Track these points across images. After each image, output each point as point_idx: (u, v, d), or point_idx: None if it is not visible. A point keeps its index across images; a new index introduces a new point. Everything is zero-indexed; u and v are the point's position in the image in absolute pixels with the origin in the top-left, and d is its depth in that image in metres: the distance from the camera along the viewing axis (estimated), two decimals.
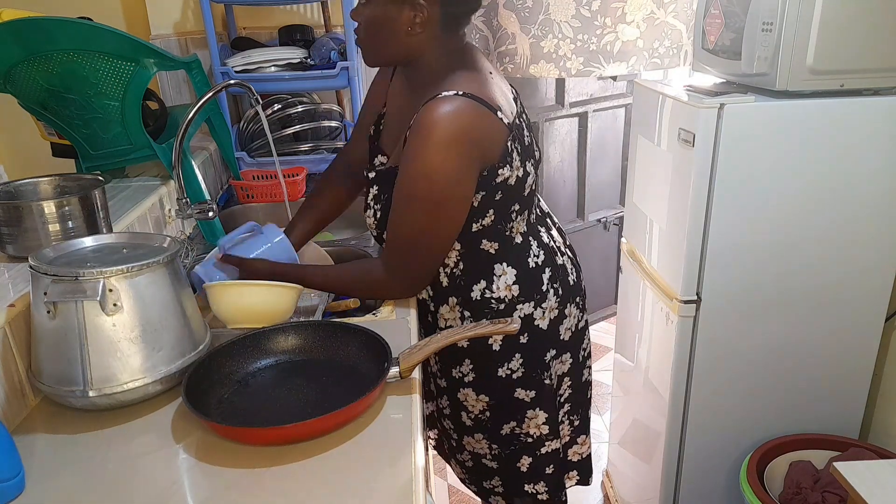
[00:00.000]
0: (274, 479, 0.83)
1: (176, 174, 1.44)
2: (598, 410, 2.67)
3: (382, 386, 0.95)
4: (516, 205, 1.19)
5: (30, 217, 1.12)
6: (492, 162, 1.12)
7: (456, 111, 1.06)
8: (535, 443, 1.31)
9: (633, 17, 2.05)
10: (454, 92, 1.07)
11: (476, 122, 1.08)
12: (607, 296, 3.30)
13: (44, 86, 1.43)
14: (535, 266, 1.23)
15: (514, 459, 1.32)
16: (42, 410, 0.98)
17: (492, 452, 1.33)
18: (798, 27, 1.38)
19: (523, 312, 1.22)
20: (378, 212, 1.21)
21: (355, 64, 2.03)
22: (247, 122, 2.15)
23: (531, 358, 1.25)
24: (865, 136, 1.48)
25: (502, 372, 1.24)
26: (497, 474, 1.35)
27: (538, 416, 1.29)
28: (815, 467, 1.59)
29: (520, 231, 1.23)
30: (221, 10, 2.23)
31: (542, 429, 1.30)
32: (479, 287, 1.21)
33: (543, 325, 1.24)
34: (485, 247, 1.19)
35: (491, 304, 1.21)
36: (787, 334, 1.63)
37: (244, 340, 1.06)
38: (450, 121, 1.05)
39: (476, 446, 1.34)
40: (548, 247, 1.27)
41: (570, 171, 3.07)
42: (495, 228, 1.18)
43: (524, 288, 1.22)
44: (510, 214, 1.19)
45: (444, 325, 1.27)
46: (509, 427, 1.29)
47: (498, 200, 1.16)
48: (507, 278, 1.21)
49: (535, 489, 1.35)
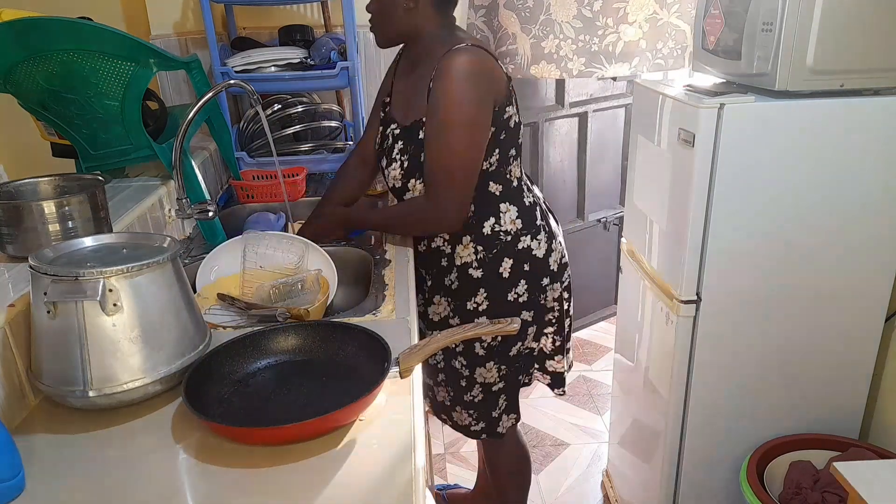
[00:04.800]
0: (274, 479, 0.83)
1: (176, 174, 1.44)
2: (598, 410, 2.68)
3: (382, 386, 0.95)
4: (513, 150, 1.44)
5: (30, 217, 1.12)
6: (501, 99, 1.37)
7: (471, 53, 1.33)
8: (529, 353, 1.59)
9: (636, 18, 2.04)
10: (465, 44, 1.34)
11: (487, 62, 1.34)
12: (607, 296, 3.30)
13: (44, 86, 1.43)
14: (529, 204, 1.49)
15: (517, 374, 1.57)
16: (42, 410, 0.98)
17: (500, 374, 1.54)
18: (798, 27, 1.38)
19: (524, 244, 1.46)
20: (405, 162, 1.44)
21: (355, 64, 2.02)
22: (247, 122, 2.15)
23: (532, 283, 1.49)
24: (865, 136, 1.47)
25: (511, 296, 1.48)
26: (503, 393, 1.57)
27: (532, 332, 1.55)
28: (815, 467, 1.59)
29: (516, 176, 1.48)
30: (221, 10, 2.23)
31: (535, 344, 1.59)
32: (489, 223, 1.44)
33: (539, 255, 1.49)
34: (491, 188, 1.43)
35: (500, 237, 1.45)
36: (787, 334, 1.63)
37: (244, 340, 1.06)
38: (468, 60, 1.31)
39: (487, 375, 1.54)
40: (534, 193, 1.54)
41: (570, 171, 3.07)
42: (498, 171, 1.43)
43: (525, 222, 1.46)
44: (509, 158, 1.44)
45: (459, 263, 1.47)
46: (517, 348, 1.53)
47: (503, 140, 1.40)
48: (511, 214, 1.45)
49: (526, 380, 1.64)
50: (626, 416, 2.06)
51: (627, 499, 2.08)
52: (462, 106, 1.31)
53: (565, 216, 3.08)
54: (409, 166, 1.43)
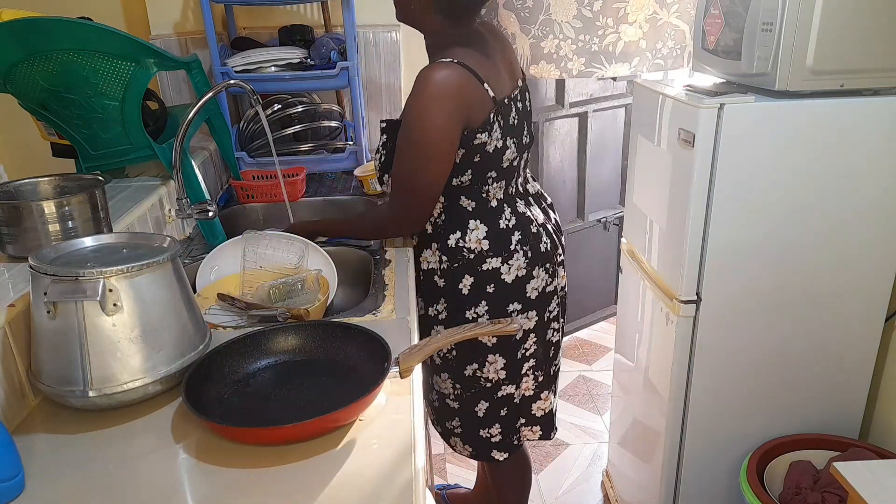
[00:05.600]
0: (274, 479, 0.83)
1: (176, 174, 1.44)
2: (598, 410, 2.68)
3: (382, 386, 0.95)
4: (493, 172, 1.39)
5: (30, 217, 1.12)
6: (474, 125, 1.31)
7: (448, 72, 1.27)
8: (493, 387, 1.49)
9: (636, 18, 2.04)
10: (450, 59, 1.29)
11: (464, 85, 1.28)
12: (607, 296, 3.30)
13: (44, 86, 1.43)
14: (504, 228, 1.42)
15: (473, 403, 1.51)
16: (42, 410, 0.98)
17: (454, 392, 1.52)
18: (798, 27, 1.38)
19: (491, 266, 1.41)
20: (383, 156, 1.43)
21: (355, 64, 2.02)
22: (247, 122, 2.15)
23: (495, 307, 1.43)
24: (865, 136, 1.47)
25: (469, 314, 1.43)
26: (457, 415, 1.55)
27: (497, 362, 1.47)
28: (814, 467, 1.59)
29: (496, 197, 1.42)
30: (221, 10, 2.23)
31: (500, 374, 1.48)
32: (455, 237, 1.41)
33: (508, 280, 1.43)
34: (463, 203, 1.41)
35: (463, 253, 1.41)
36: (787, 334, 1.63)
37: (244, 340, 1.06)
38: (442, 79, 1.27)
39: (442, 385, 1.54)
40: (522, 216, 1.45)
41: (570, 171, 3.06)
42: (472, 188, 1.39)
43: (493, 244, 1.41)
44: (486, 179, 1.39)
45: (426, 267, 1.47)
46: (472, 369, 1.48)
47: (476, 162, 1.36)
48: (479, 233, 1.41)
49: (490, 433, 1.55)
50: (626, 416, 2.06)
51: (627, 499, 2.08)
52: (423, 123, 1.28)
53: (565, 216, 3.09)
54: (385, 161, 1.43)
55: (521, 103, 1.46)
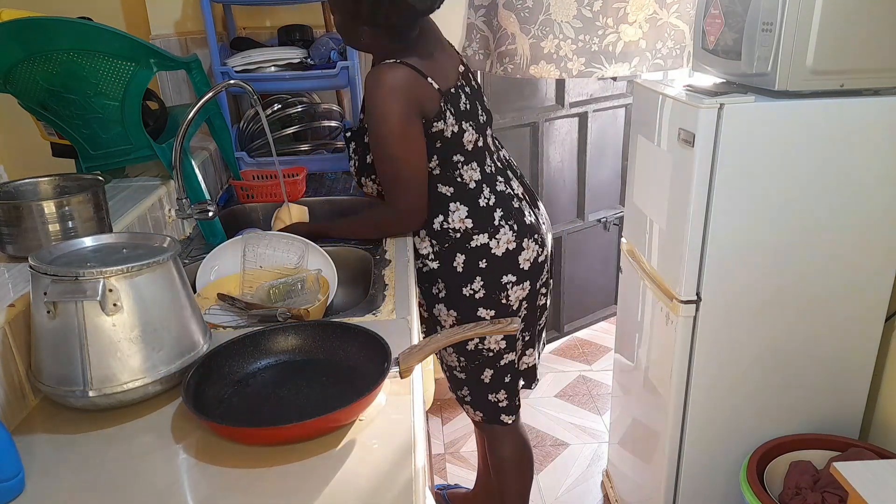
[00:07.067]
0: (274, 479, 0.83)
1: (176, 174, 1.44)
2: (598, 410, 2.68)
3: (382, 386, 0.95)
4: (459, 156, 1.48)
5: (30, 217, 1.12)
6: (429, 115, 1.42)
7: (391, 69, 1.38)
8: (496, 356, 1.58)
9: (636, 18, 2.04)
10: (393, 60, 1.39)
11: (410, 79, 1.38)
12: (607, 296, 3.30)
13: (44, 86, 1.43)
14: (485, 205, 1.51)
15: (479, 372, 1.61)
16: (42, 410, 0.98)
17: (460, 365, 1.61)
18: (798, 27, 1.38)
19: (479, 242, 1.50)
20: (357, 161, 1.56)
21: (355, 64, 2.02)
22: (247, 122, 2.15)
23: (490, 281, 1.52)
24: (865, 136, 1.47)
25: (466, 291, 1.52)
26: (466, 385, 1.65)
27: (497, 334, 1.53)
28: (814, 467, 1.59)
29: (473, 179, 1.51)
30: (221, 9, 2.23)
31: (501, 344, 1.57)
32: (438, 220, 1.50)
33: (499, 253, 1.51)
34: (441, 190, 1.50)
35: (449, 233, 1.51)
36: (787, 334, 1.63)
37: (244, 340, 1.06)
38: (390, 77, 1.37)
39: (448, 360, 1.64)
40: (502, 193, 1.54)
41: (570, 171, 3.06)
42: (445, 175, 1.49)
43: (476, 222, 1.50)
44: (455, 164, 1.48)
45: (421, 253, 1.54)
46: (473, 343, 1.57)
47: (439, 148, 1.46)
48: (460, 213, 1.50)
49: (497, 398, 1.64)
50: (626, 416, 2.06)
51: (627, 499, 2.08)
52: (385, 117, 1.38)
53: (565, 216, 3.08)
54: (360, 165, 1.55)
55: (468, 87, 1.54)
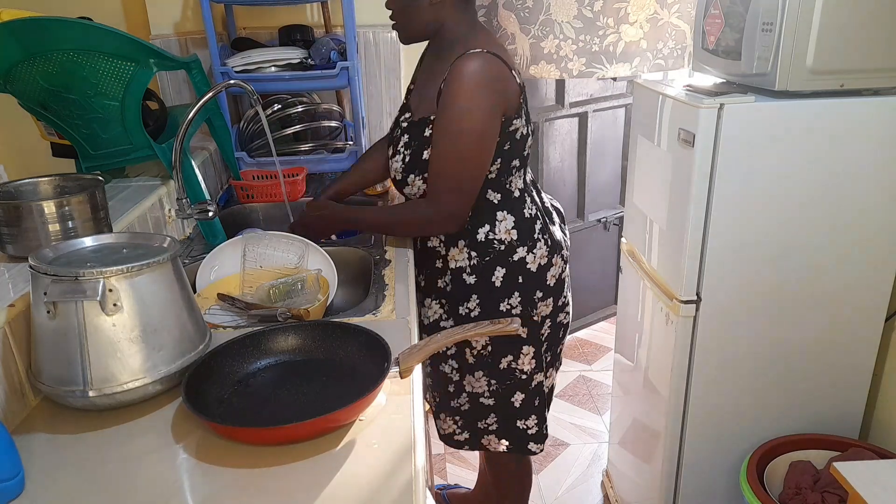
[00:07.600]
0: (274, 479, 0.83)
1: (176, 174, 1.44)
2: (598, 410, 2.68)
3: (382, 386, 0.95)
4: (517, 160, 1.42)
5: (30, 217, 1.12)
6: (511, 112, 1.35)
7: (483, 62, 1.30)
8: (528, 378, 1.51)
9: (636, 18, 2.04)
10: (480, 49, 1.31)
11: (499, 73, 1.32)
12: (607, 296, 3.30)
13: (44, 86, 1.43)
14: (529, 216, 1.45)
15: (509, 395, 1.52)
16: (42, 410, 0.98)
17: (490, 388, 1.51)
18: (798, 27, 1.38)
19: (519, 256, 1.43)
20: (407, 157, 1.41)
21: (355, 64, 2.02)
22: (247, 122, 2.15)
23: (525, 297, 1.45)
24: (865, 136, 1.47)
25: (503, 307, 1.44)
26: (493, 411, 1.54)
27: (529, 353, 1.48)
28: (815, 467, 1.59)
29: (518, 186, 1.45)
30: (221, 10, 2.23)
31: (532, 363, 1.50)
32: (484, 230, 1.42)
33: (533, 269, 1.45)
34: (490, 196, 1.42)
35: (493, 245, 1.42)
36: (787, 334, 1.63)
37: (244, 340, 1.06)
38: (480, 69, 1.29)
39: (475, 385, 1.51)
40: (539, 205, 1.51)
41: (570, 171, 3.07)
42: (499, 180, 1.41)
43: (521, 234, 1.43)
44: (511, 169, 1.42)
45: (454, 266, 1.45)
46: (507, 361, 1.48)
47: (506, 150, 1.38)
48: (507, 224, 1.42)
49: (526, 424, 1.55)
50: (626, 416, 2.06)
51: (627, 499, 2.08)
52: (472, 113, 1.30)
53: (565, 216, 3.08)
54: (411, 161, 1.41)
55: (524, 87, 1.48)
